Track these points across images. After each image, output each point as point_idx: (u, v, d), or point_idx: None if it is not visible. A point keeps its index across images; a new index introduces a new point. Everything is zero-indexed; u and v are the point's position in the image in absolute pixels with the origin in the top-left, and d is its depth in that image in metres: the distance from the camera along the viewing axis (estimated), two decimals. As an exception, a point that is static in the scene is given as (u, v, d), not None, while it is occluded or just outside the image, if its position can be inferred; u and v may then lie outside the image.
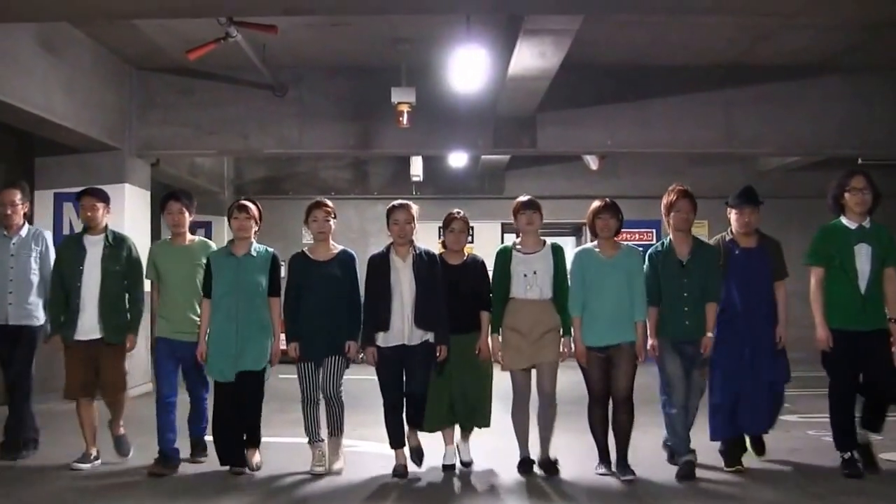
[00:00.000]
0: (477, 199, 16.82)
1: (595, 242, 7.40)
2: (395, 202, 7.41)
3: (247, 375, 7.22)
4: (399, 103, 11.20)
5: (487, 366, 7.42)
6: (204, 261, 7.47)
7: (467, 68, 10.11)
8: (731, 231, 7.53)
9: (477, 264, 7.55)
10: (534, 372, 7.31)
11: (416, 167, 15.96)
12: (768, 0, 7.21)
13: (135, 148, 12.22)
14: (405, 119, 11.29)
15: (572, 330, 7.21)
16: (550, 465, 7.27)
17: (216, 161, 16.34)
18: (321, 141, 12.66)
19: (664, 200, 7.38)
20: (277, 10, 7.91)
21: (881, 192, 7.29)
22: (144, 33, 10.63)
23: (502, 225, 17.23)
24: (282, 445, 8.15)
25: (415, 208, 7.35)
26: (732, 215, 7.47)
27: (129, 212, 11.81)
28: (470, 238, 8.01)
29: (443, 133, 12.61)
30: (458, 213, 7.57)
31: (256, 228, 7.44)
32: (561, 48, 9.48)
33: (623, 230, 7.48)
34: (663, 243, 7.45)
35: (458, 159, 16.22)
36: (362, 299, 7.35)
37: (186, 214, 7.61)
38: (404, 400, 7.28)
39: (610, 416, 7.25)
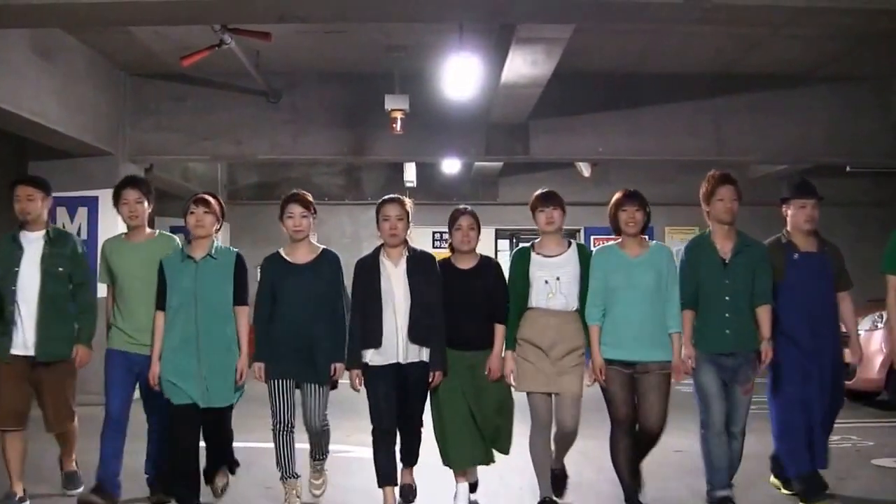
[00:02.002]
0: (471, 205, 16.81)
1: (619, 240, 6.27)
2: (386, 196, 6.35)
3: (214, 410, 6.19)
4: (393, 110, 11.22)
5: (500, 385, 6.31)
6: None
7: (460, 76, 10.14)
8: (787, 232, 6.52)
9: (492, 268, 6.41)
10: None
11: (410, 173, 15.99)
12: (756, 10, 7.23)
13: (128, 153, 12.21)
14: (399, 126, 11.31)
15: (590, 341, 6.10)
16: (560, 480, 6.46)
17: (209, 166, 16.34)
18: (314, 147, 12.67)
19: (703, 188, 6.31)
20: (272, 18, 7.92)
21: (864, 199, 7.25)
22: (138, 39, 10.62)
23: (496, 231, 17.28)
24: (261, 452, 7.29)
25: (408, 203, 6.29)
26: (791, 211, 6.47)
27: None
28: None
29: (436, 140, 12.65)
30: (465, 208, 6.47)
31: (218, 226, 6.34)
32: (553, 56, 9.56)
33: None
34: (703, 236, 6.32)
35: (451, 166, 16.29)
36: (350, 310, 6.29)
37: (145, 204, 6.41)
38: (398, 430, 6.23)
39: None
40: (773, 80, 12.26)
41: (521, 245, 6.52)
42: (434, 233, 16.83)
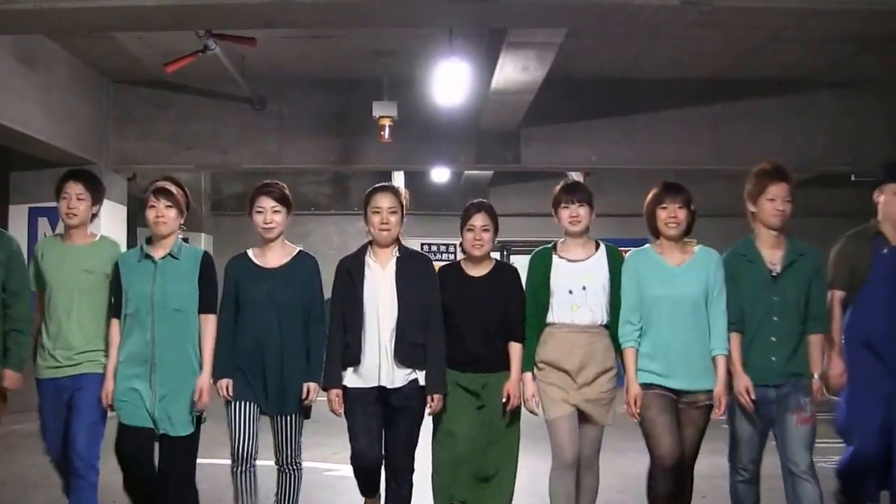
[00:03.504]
0: (460, 216, 16.67)
1: (657, 243, 5.25)
2: (377, 184, 5.49)
3: (174, 440, 5.19)
4: (380, 117, 11.11)
5: (514, 424, 5.37)
6: (108, 268, 5.38)
7: (450, 82, 10.04)
8: (876, 222, 5.49)
9: (509, 275, 5.47)
10: None
11: (398, 183, 15.83)
12: (756, 13, 7.07)
13: (111, 162, 12.04)
14: (387, 133, 11.19)
15: (625, 366, 5.15)
16: None
17: (193, 176, 16.13)
18: (301, 156, 12.54)
19: (748, 185, 5.21)
20: (257, 23, 7.78)
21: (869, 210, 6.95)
22: (122, 45, 10.49)
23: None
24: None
25: (404, 193, 5.48)
26: (884, 198, 5.45)
27: (105, 227, 11.57)
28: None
29: (425, 148, 12.51)
30: (481, 202, 5.55)
31: (182, 221, 5.42)
32: (545, 62, 9.43)
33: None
34: (747, 243, 5.20)
35: (440, 175, 16.14)
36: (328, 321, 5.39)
37: (88, 202, 5.41)
38: (383, 468, 5.27)
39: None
40: (772, 85, 12.11)
41: (542, 247, 5.47)
42: (423, 244, 16.65)
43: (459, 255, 5.74)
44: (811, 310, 5.09)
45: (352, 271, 5.29)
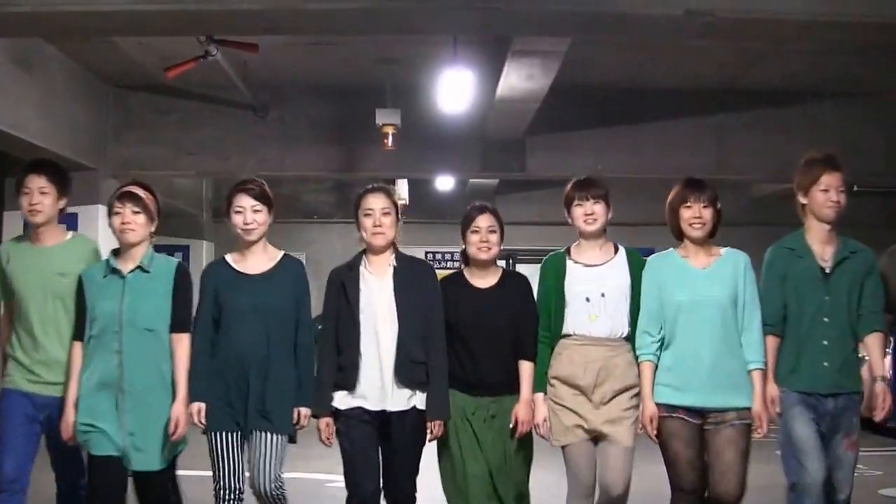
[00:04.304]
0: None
1: (681, 246, 4.85)
2: (369, 185, 5.09)
3: (148, 475, 4.68)
4: (384, 125, 11.07)
5: (527, 446, 4.91)
6: (82, 269, 4.80)
7: (454, 90, 9.99)
8: None
9: (519, 285, 4.99)
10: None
11: (402, 191, 15.82)
12: (760, 25, 7.00)
13: (110, 168, 11.92)
14: (390, 141, 11.14)
15: (641, 382, 4.71)
16: None
17: (195, 183, 16.11)
18: (303, 163, 12.47)
19: (798, 175, 4.84)
20: (258, 29, 7.73)
21: (874, 220, 6.88)
22: (122, 50, 10.39)
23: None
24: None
25: (398, 194, 4.90)
26: None
27: (104, 235, 11.53)
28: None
29: (429, 156, 12.44)
30: (485, 204, 5.10)
31: (153, 228, 4.82)
32: (549, 70, 9.36)
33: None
34: (796, 237, 4.82)
35: (444, 183, 16.09)
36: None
37: (53, 196, 4.85)
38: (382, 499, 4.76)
39: None
40: (776, 95, 12.01)
41: (554, 251, 5.00)
42: (427, 252, 16.59)
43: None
44: (865, 307, 4.66)
45: (346, 284, 4.77)
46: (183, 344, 4.72)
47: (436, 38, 9.53)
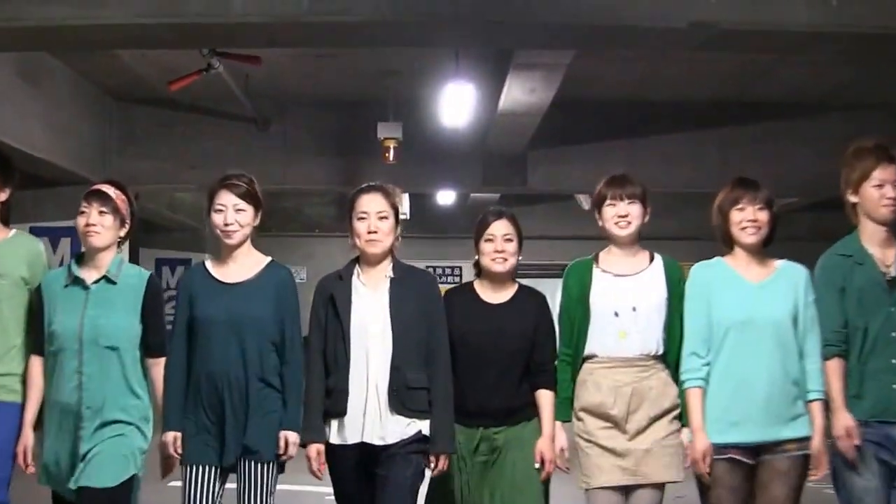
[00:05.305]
0: (466, 239, 16.55)
1: (732, 255, 4.21)
2: (363, 185, 4.40)
3: (94, 493, 4.00)
4: (385, 139, 11.05)
5: (542, 483, 4.30)
6: (25, 271, 4.29)
7: (456, 103, 9.97)
8: None
9: (536, 302, 4.43)
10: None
11: (403, 205, 15.74)
12: (765, 36, 6.97)
13: (113, 182, 11.91)
14: (391, 155, 11.11)
15: (688, 412, 4.06)
16: None
17: (197, 196, 16.09)
18: (305, 177, 12.46)
19: (844, 171, 4.29)
20: (261, 42, 7.70)
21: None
22: (126, 64, 10.39)
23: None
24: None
25: (398, 194, 4.44)
26: None
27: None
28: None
29: (430, 170, 12.42)
30: (501, 210, 4.56)
31: (124, 232, 4.26)
32: (552, 83, 9.34)
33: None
34: (850, 241, 4.19)
35: (446, 197, 16.05)
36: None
37: None
38: None
39: None
40: (781, 108, 11.96)
41: (578, 259, 4.42)
42: (427, 267, 16.54)
43: (469, 278, 4.75)
44: None
45: (335, 296, 4.20)
46: (160, 369, 4.23)
47: (438, 51, 9.51)
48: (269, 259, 4.34)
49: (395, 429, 4.05)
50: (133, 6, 6.49)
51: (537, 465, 4.23)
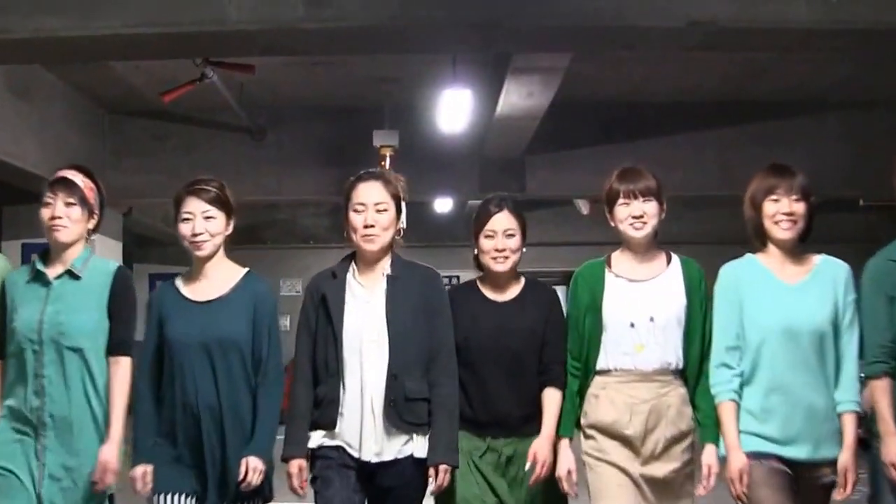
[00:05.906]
0: (464, 247, 16.49)
1: (765, 252, 3.83)
2: (361, 172, 4.12)
3: None
4: (382, 146, 10.99)
5: (556, 497, 3.95)
6: None
7: (453, 109, 9.92)
8: None
9: (545, 298, 4.10)
10: None
11: (405, 193, 15.70)
12: (764, 34, 6.91)
13: (107, 197, 11.80)
14: (388, 163, 11.03)
15: (722, 427, 3.69)
16: None
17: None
18: (301, 187, 12.35)
19: None
20: (255, 50, 7.61)
21: (880, 235, 6.67)
22: (119, 76, 10.34)
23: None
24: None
25: (401, 182, 4.19)
26: None
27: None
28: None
29: (427, 178, 12.27)
30: (502, 200, 4.27)
31: (92, 224, 4.01)
32: (549, 87, 9.28)
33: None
34: None
35: (443, 205, 15.98)
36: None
37: None
38: None
39: None
40: (780, 108, 11.91)
41: (589, 261, 4.08)
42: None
43: (469, 277, 4.38)
44: None
45: (328, 296, 3.80)
46: (121, 369, 3.87)
47: (434, 57, 9.47)
48: (245, 270, 3.98)
49: (393, 444, 3.71)
50: (126, 16, 6.43)
51: (528, 466, 3.88)
